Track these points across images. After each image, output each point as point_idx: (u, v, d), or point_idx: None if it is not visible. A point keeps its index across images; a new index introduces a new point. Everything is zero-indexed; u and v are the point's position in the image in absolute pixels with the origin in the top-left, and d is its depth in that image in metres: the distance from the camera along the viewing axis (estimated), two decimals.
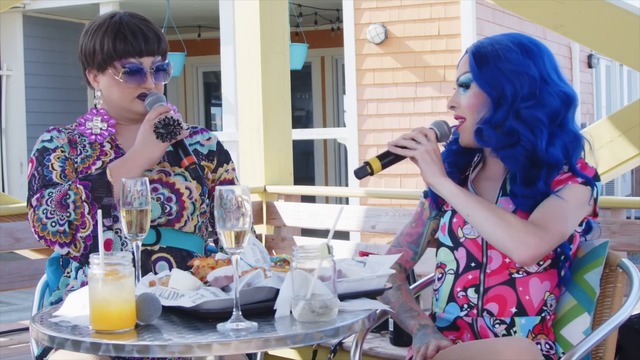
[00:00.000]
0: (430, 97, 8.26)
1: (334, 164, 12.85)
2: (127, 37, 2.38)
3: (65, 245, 2.27)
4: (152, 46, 2.40)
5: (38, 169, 2.36)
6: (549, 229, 2.12)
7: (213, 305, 1.77)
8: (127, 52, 2.37)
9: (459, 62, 2.31)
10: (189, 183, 2.40)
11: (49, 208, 2.25)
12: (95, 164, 2.40)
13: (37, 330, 1.79)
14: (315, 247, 1.77)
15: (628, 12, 4.37)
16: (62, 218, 2.24)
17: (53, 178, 2.33)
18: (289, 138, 5.03)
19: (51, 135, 2.43)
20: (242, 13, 4.94)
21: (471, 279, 2.25)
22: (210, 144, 2.53)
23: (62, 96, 10.74)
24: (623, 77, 15.10)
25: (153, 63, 2.41)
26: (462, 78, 2.27)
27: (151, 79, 2.40)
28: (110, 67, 2.39)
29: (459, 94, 2.28)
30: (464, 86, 2.27)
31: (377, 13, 8.57)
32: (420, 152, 2.21)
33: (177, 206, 2.36)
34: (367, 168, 2.25)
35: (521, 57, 2.22)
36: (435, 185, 2.21)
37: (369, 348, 3.16)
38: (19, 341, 3.66)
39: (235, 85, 6.97)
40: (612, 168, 4.97)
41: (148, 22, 2.44)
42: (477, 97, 2.25)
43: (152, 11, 9.18)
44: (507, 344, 2.03)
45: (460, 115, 2.28)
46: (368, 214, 4.19)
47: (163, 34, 2.46)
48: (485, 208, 2.15)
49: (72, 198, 2.24)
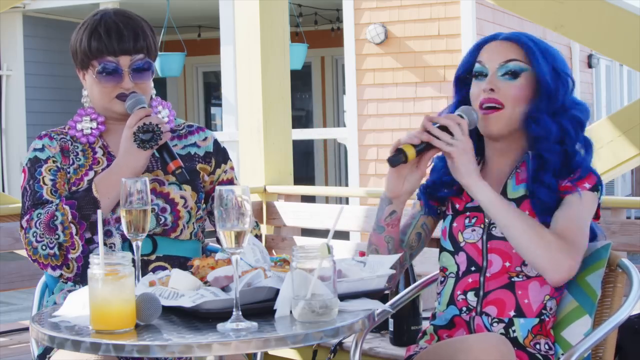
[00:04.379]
0: (431, 97, 8.26)
1: (334, 164, 12.84)
2: (101, 35, 2.33)
3: (57, 267, 2.25)
4: (126, 45, 2.33)
5: (30, 183, 2.33)
6: (577, 244, 2.10)
7: (213, 305, 1.77)
8: (101, 51, 2.33)
9: (487, 47, 2.23)
10: (184, 192, 2.36)
11: (38, 231, 2.23)
12: (88, 175, 2.35)
13: (37, 330, 1.79)
14: (315, 247, 1.77)
15: (628, 12, 4.37)
16: (51, 241, 2.22)
17: (44, 194, 2.31)
18: (289, 138, 5.03)
19: (43, 144, 2.39)
20: (242, 13, 4.94)
21: (471, 283, 2.24)
22: (206, 144, 2.48)
23: (62, 96, 10.74)
24: (623, 77, 15.09)
25: (132, 62, 2.34)
26: (512, 65, 2.20)
27: (129, 79, 2.34)
28: (90, 66, 2.36)
29: (501, 81, 2.20)
30: (512, 74, 2.21)
31: (377, 13, 8.57)
32: (458, 150, 2.12)
33: (172, 216, 2.33)
34: (401, 156, 2.15)
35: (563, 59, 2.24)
36: (472, 187, 2.14)
37: (369, 348, 3.16)
38: (19, 341, 3.66)
39: (235, 85, 6.97)
40: (612, 168, 4.97)
41: (130, 19, 2.38)
42: (526, 89, 2.21)
43: (152, 11, 9.17)
44: (478, 340, 2.02)
45: (499, 101, 2.20)
46: (368, 214, 4.19)
47: (147, 31, 2.39)
48: (523, 221, 2.10)
49: (60, 219, 2.22)
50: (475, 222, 2.25)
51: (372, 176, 8.54)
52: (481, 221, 2.25)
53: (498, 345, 1.98)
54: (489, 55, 2.24)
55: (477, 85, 2.25)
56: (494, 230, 2.22)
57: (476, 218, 2.26)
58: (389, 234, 2.26)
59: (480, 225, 2.25)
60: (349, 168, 8.79)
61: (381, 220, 2.26)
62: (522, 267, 2.20)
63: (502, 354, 1.97)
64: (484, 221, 2.24)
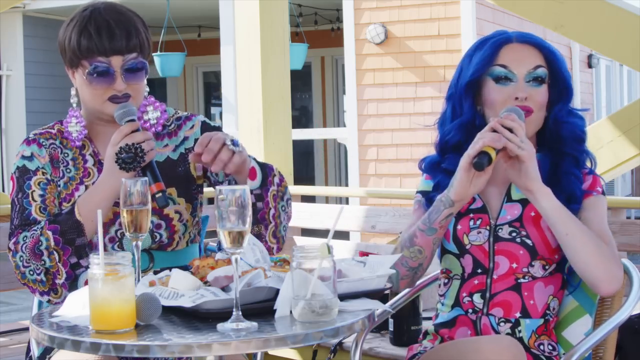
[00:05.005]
0: (430, 97, 8.25)
1: (334, 164, 12.84)
2: (91, 34, 2.19)
3: (44, 293, 2.19)
4: (118, 44, 2.19)
5: (18, 196, 2.25)
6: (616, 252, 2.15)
7: (213, 305, 1.77)
8: (91, 50, 2.19)
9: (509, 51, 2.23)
10: (178, 206, 2.29)
11: (24, 256, 2.17)
12: (79, 189, 2.27)
13: (37, 330, 1.78)
14: (315, 247, 1.76)
15: (628, 12, 4.37)
16: (37, 267, 2.16)
17: (32, 212, 2.22)
18: (289, 138, 5.04)
19: (31, 152, 2.28)
20: (242, 13, 4.95)
21: (477, 284, 2.24)
22: (194, 131, 2.36)
23: (62, 96, 10.72)
24: (623, 77, 15.09)
25: (124, 62, 2.21)
26: (540, 72, 2.22)
27: (121, 80, 2.20)
28: (79, 65, 2.23)
29: (530, 87, 2.21)
30: (539, 81, 2.23)
31: (377, 13, 8.57)
32: (529, 153, 2.10)
33: (167, 232, 2.28)
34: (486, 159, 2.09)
35: None
36: (536, 192, 2.12)
37: (369, 348, 3.16)
38: (19, 341, 3.66)
39: (235, 85, 6.96)
40: (612, 168, 4.98)
41: (122, 14, 2.23)
42: (547, 93, 2.24)
43: (152, 11, 9.16)
44: (489, 341, 2.02)
45: (530, 108, 2.20)
46: (368, 214, 4.19)
47: (140, 27, 2.25)
48: (584, 233, 2.10)
49: (44, 245, 2.15)
50: (481, 223, 2.24)
51: (372, 176, 8.53)
52: (486, 223, 2.24)
53: (510, 347, 1.98)
54: (515, 60, 2.22)
55: (502, 91, 2.22)
56: (500, 231, 2.21)
57: (481, 220, 2.24)
58: (438, 237, 2.21)
59: (486, 227, 2.23)
60: (349, 168, 8.79)
61: (435, 222, 2.18)
62: (529, 268, 2.20)
63: (513, 355, 1.96)
64: (490, 223, 2.23)
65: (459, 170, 2.13)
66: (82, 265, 2.18)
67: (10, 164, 10.79)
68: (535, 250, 2.19)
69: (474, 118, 2.27)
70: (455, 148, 2.27)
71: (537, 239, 2.18)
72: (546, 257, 2.20)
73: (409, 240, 2.22)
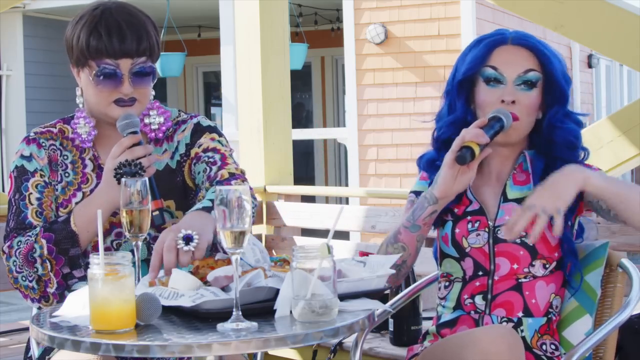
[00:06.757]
0: (431, 97, 8.25)
1: (334, 164, 12.84)
2: (101, 34, 2.14)
3: (35, 300, 2.18)
4: (128, 47, 2.15)
5: (16, 197, 2.23)
6: None
7: (213, 305, 1.77)
8: (100, 51, 2.14)
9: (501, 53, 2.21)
10: (175, 219, 2.24)
11: (17, 261, 2.15)
12: (76, 196, 2.24)
13: (37, 330, 1.78)
14: (315, 247, 1.76)
15: (628, 12, 4.37)
16: (30, 274, 2.15)
17: (28, 216, 2.20)
18: (289, 138, 5.04)
19: (30, 152, 2.26)
20: (242, 13, 4.95)
21: (479, 286, 2.23)
22: (184, 135, 2.31)
23: (62, 96, 10.73)
24: (623, 77, 15.09)
25: (133, 65, 2.17)
26: (531, 76, 2.20)
27: (128, 84, 2.16)
28: (86, 65, 2.18)
29: (518, 91, 2.20)
30: (529, 85, 2.21)
31: (377, 13, 8.57)
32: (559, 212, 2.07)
33: None
34: (469, 153, 2.08)
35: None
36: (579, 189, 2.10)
37: (369, 348, 3.16)
38: (19, 341, 3.65)
39: (235, 85, 6.96)
40: (612, 168, 4.97)
41: (133, 17, 2.19)
42: (538, 97, 2.22)
43: (152, 11, 9.09)
44: (485, 331, 2.02)
45: (517, 115, 2.18)
46: (368, 214, 4.19)
47: (151, 30, 2.21)
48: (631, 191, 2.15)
49: (38, 252, 2.14)
50: (479, 226, 2.24)
51: (372, 176, 8.54)
52: (485, 224, 2.23)
53: (505, 335, 1.97)
54: (506, 63, 2.21)
55: (491, 93, 2.21)
56: (499, 233, 2.21)
57: (479, 222, 2.24)
58: (422, 233, 2.21)
59: (485, 229, 2.23)
60: (349, 168, 8.79)
61: (419, 219, 2.19)
62: (530, 268, 2.20)
63: (509, 344, 1.95)
64: (488, 224, 2.23)
65: (443, 166, 2.14)
66: (76, 276, 2.18)
67: (10, 164, 10.78)
68: (535, 250, 2.19)
69: (465, 115, 2.27)
70: (447, 144, 2.25)
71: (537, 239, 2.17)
72: (546, 256, 2.20)
73: (393, 237, 2.24)
